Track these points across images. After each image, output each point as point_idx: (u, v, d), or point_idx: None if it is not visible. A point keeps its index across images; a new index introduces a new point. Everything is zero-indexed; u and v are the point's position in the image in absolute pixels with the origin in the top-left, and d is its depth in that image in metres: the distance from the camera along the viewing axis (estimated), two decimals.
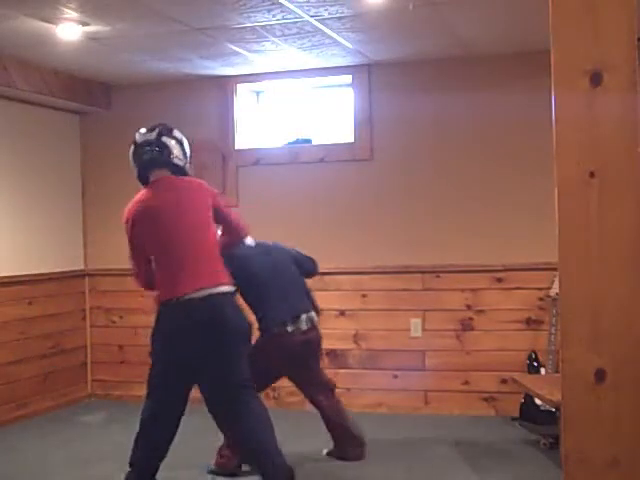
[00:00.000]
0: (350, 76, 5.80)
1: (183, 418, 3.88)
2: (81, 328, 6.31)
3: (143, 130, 3.98)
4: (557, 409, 4.29)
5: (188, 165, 4.00)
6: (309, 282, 4.66)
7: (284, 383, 4.72)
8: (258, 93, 6.30)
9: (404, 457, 4.62)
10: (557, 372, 4.55)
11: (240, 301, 4.04)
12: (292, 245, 4.71)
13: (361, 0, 4.20)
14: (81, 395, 6.26)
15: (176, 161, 3.92)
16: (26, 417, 5.65)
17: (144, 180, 3.98)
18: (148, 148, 3.91)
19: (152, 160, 3.91)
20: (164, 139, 3.91)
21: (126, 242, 3.89)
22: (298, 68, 5.74)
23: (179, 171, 3.94)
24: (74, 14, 4.31)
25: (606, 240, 1.80)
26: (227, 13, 4.36)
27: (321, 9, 4.31)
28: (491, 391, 5.51)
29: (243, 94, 6.13)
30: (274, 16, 4.41)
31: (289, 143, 6.03)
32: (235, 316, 3.81)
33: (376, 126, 5.74)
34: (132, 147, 3.99)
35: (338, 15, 4.43)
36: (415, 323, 5.63)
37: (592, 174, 1.80)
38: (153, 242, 3.86)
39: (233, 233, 4.10)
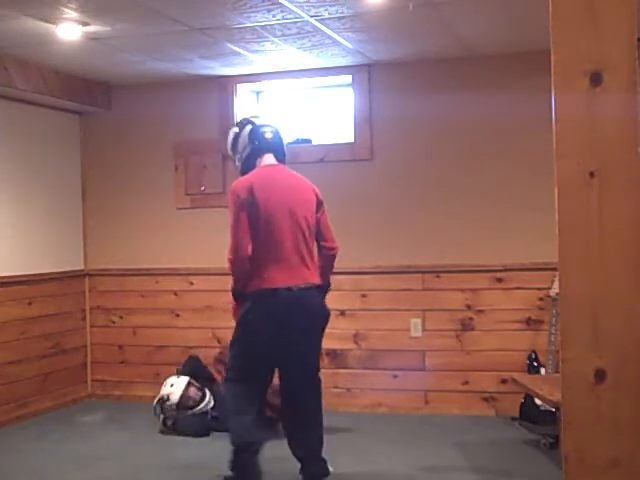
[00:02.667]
0: (350, 76, 5.80)
1: None
2: (81, 328, 6.31)
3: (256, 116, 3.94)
4: (557, 409, 4.28)
5: None
6: None
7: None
8: (258, 93, 6.30)
9: (404, 457, 4.62)
10: (557, 372, 4.55)
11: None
12: None
13: (361, 0, 4.20)
14: (81, 395, 6.26)
15: (285, 148, 4.04)
16: (26, 417, 5.65)
17: (250, 164, 3.95)
18: (270, 129, 4.01)
19: (273, 140, 3.99)
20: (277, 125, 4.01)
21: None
22: (298, 68, 5.74)
23: (284, 158, 4.05)
24: (74, 14, 4.31)
25: (606, 240, 1.80)
26: (227, 13, 4.36)
27: (321, 9, 4.31)
28: (491, 391, 5.51)
29: (243, 94, 6.12)
30: (274, 16, 4.41)
31: (289, 143, 6.01)
32: (314, 306, 3.89)
33: (376, 126, 5.74)
34: (249, 127, 4.01)
35: (338, 15, 4.43)
36: (415, 323, 5.63)
37: (592, 174, 1.80)
38: (263, 224, 3.81)
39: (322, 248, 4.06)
